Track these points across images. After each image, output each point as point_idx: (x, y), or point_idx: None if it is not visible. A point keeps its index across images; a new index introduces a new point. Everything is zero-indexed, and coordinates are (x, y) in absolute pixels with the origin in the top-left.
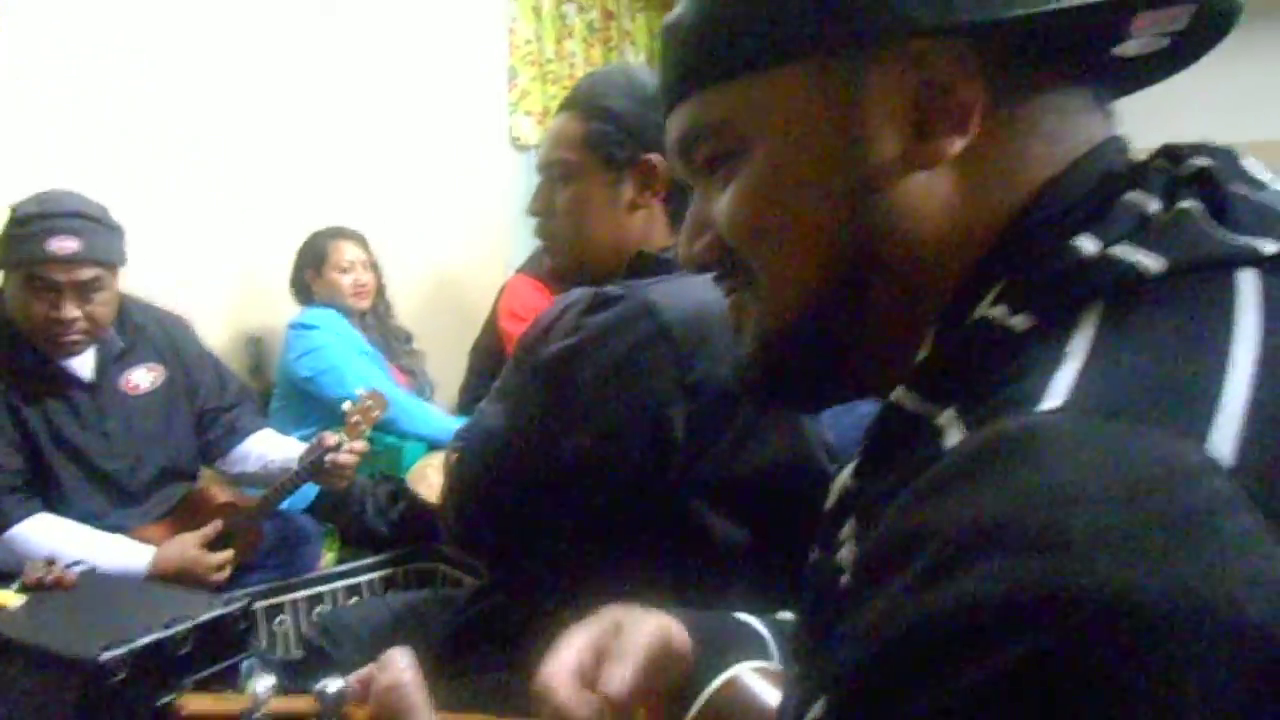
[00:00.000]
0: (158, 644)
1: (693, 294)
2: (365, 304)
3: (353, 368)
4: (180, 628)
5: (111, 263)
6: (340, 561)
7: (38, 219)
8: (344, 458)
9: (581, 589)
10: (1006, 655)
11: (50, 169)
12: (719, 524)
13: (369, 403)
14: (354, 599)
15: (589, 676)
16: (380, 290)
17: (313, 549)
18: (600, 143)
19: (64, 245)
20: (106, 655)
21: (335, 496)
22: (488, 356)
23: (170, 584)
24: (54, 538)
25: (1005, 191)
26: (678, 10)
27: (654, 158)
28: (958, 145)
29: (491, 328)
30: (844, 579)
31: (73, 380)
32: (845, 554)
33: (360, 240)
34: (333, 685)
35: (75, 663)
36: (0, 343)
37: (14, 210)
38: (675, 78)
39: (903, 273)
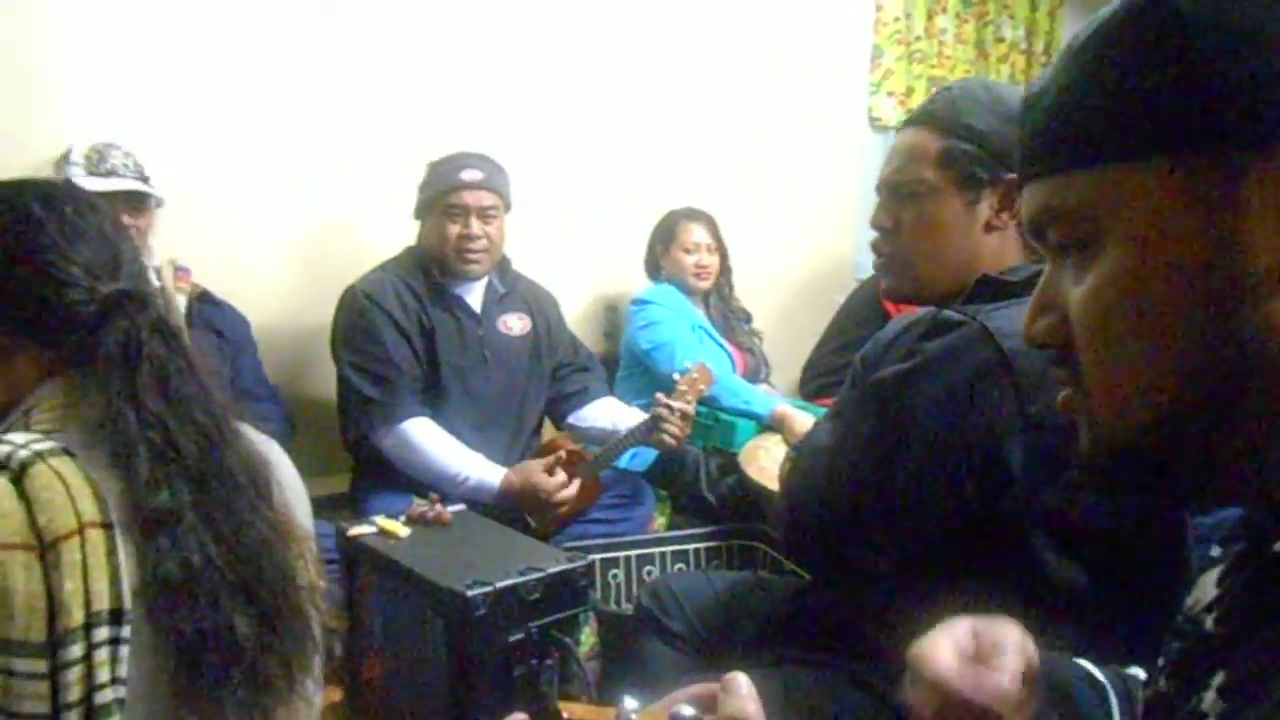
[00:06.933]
0: (513, 588)
1: None
2: (706, 284)
3: (684, 344)
4: (533, 576)
5: (505, 197)
6: (670, 526)
7: (451, 159)
8: (673, 424)
9: (908, 608)
10: None
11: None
12: (1057, 562)
13: (695, 375)
14: (679, 565)
15: (967, 656)
16: (726, 270)
17: (646, 509)
18: (960, 161)
19: (473, 175)
20: (472, 592)
21: (671, 464)
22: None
23: (520, 505)
24: (431, 440)
25: None
26: (1044, 78)
27: (1016, 178)
28: None
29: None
30: None
31: (466, 308)
32: (1210, 702)
33: (709, 222)
34: (687, 710)
35: (448, 594)
36: (416, 272)
37: (430, 162)
38: (1034, 153)
39: (1277, 395)
